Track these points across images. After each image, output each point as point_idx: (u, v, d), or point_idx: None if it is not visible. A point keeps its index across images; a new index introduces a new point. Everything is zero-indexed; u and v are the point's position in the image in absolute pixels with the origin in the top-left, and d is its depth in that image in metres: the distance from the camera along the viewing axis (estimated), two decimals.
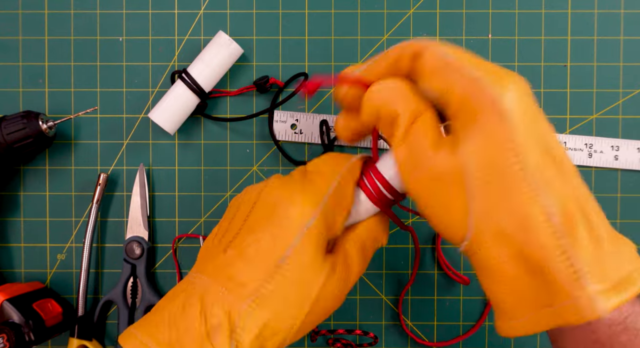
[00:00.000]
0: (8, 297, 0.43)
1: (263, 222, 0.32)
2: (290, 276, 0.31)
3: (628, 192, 0.48)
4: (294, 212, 0.31)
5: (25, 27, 0.48)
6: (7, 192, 0.48)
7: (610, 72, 0.48)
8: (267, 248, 0.31)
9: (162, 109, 0.45)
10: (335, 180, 0.33)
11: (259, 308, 0.30)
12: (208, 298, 0.31)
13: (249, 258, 0.31)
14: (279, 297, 0.31)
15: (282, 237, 0.31)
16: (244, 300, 0.30)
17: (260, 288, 0.30)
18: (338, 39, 0.48)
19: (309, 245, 0.31)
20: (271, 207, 0.32)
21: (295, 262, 0.31)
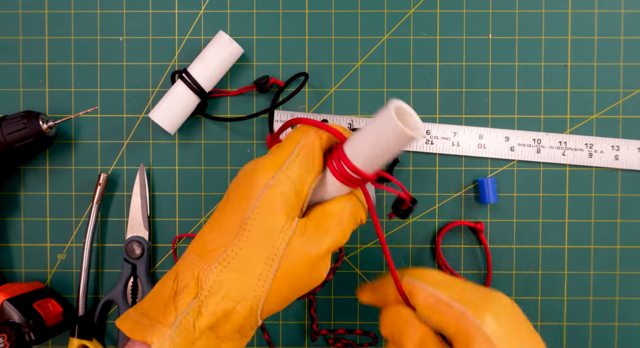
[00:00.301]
0: (8, 296, 0.43)
1: (230, 192, 0.34)
2: (254, 235, 0.31)
3: (628, 192, 0.48)
4: (257, 176, 0.32)
5: (26, 27, 0.48)
6: (7, 192, 0.48)
7: (611, 72, 0.48)
8: (232, 213, 0.32)
9: (162, 108, 0.45)
10: (299, 144, 0.33)
11: (225, 270, 0.31)
12: (182, 267, 0.32)
13: (218, 225, 0.33)
14: (243, 257, 0.31)
15: (246, 201, 0.32)
16: (212, 264, 0.31)
17: (227, 250, 0.31)
18: (338, 39, 0.48)
19: (271, 203, 0.31)
20: (239, 178, 0.34)
21: (257, 221, 0.31)
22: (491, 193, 0.46)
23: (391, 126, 0.30)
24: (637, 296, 0.48)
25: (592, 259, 0.48)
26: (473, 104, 0.48)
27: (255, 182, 0.32)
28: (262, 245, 0.31)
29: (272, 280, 0.31)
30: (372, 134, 0.31)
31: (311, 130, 0.34)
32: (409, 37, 0.48)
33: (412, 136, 0.30)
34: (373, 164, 0.32)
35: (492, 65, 0.48)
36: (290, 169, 0.32)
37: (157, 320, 0.30)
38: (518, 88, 0.48)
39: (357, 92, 0.48)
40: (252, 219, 0.31)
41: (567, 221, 0.48)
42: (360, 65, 0.48)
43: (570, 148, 0.47)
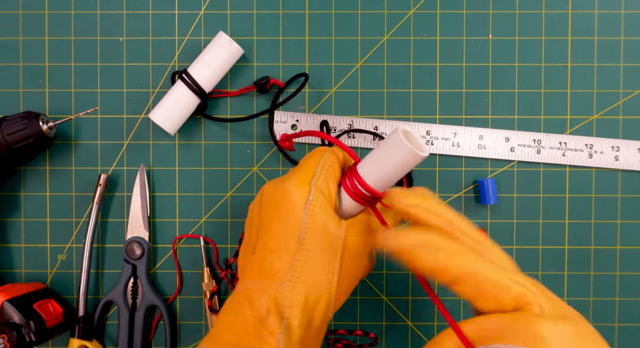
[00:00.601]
0: (8, 297, 0.43)
1: (272, 215, 0.35)
2: (313, 247, 0.34)
3: (628, 193, 0.48)
4: (293, 194, 0.35)
5: (26, 28, 0.48)
6: (7, 192, 0.48)
7: (611, 73, 0.48)
8: (284, 234, 0.34)
9: (162, 109, 0.45)
10: (322, 158, 0.36)
11: (297, 284, 0.33)
12: (254, 295, 0.34)
13: (273, 249, 0.35)
14: (310, 268, 0.34)
15: (292, 219, 0.34)
16: (283, 283, 0.33)
17: (293, 268, 0.34)
18: (338, 40, 0.48)
19: (317, 215, 0.34)
20: (273, 201, 0.36)
21: (311, 234, 0.34)
22: (491, 194, 0.46)
23: (401, 147, 0.33)
24: (637, 296, 0.48)
25: (592, 259, 0.48)
26: (473, 104, 0.48)
27: (293, 200, 0.35)
28: (322, 254, 0.34)
29: (337, 280, 0.35)
30: (383, 155, 0.34)
31: (328, 149, 0.37)
32: (409, 37, 0.48)
33: (421, 155, 0.33)
34: (384, 184, 0.35)
35: (492, 66, 0.48)
36: (321, 183, 0.35)
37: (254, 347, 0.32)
38: (518, 88, 0.48)
39: (357, 92, 0.48)
40: (308, 233, 0.34)
41: (567, 222, 0.48)
42: (361, 65, 0.48)
43: (570, 148, 0.47)
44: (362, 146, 0.47)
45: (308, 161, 0.37)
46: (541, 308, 0.29)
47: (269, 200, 0.36)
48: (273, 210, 0.35)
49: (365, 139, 0.47)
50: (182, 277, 0.48)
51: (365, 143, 0.47)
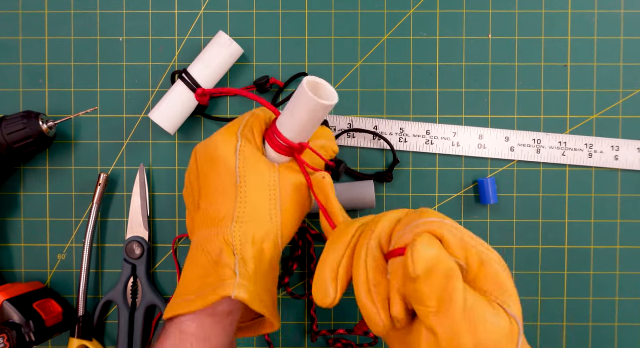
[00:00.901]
0: (8, 297, 0.43)
1: (207, 170, 0.38)
2: (250, 188, 0.36)
3: (628, 192, 0.48)
4: (222, 144, 0.37)
5: (26, 27, 0.48)
6: (7, 192, 0.48)
7: (611, 72, 0.48)
8: (221, 182, 0.37)
9: (162, 109, 0.45)
10: (245, 117, 0.39)
11: (243, 223, 0.35)
12: (205, 243, 0.36)
13: (215, 199, 0.37)
14: (251, 208, 0.36)
15: (225, 167, 0.37)
16: (230, 225, 0.35)
17: (236, 210, 0.36)
18: (338, 39, 0.48)
19: (248, 158, 0.37)
20: (206, 156, 0.38)
21: (246, 176, 0.36)
22: (491, 193, 0.46)
23: (305, 98, 0.35)
24: (637, 296, 0.48)
25: (592, 259, 0.48)
26: (473, 104, 0.48)
27: (226, 151, 0.37)
28: (261, 191, 0.36)
29: (280, 214, 0.37)
30: (292, 107, 0.36)
31: (259, 108, 0.40)
32: (409, 37, 0.48)
33: (325, 104, 0.35)
34: (299, 134, 0.37)
35: (492, 66, 0.48)
36: (247, 132, 0.38)
37: (215, 284, 0.33)
38: (518, 88, 0.48)
39: (357, 92, 0.48)
40: (242, 176, 0.36)
41: (567, 221, 0.48)
42: (360, 65, 0.48)
43: (570, 148, 0.47)
44: (362, 146, 0.47)
45: (234, 120, 0.40)
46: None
47: (203, 158, 0.38)
48: (207, 164, 0.38)
49: (365, 138, 0.47)
50: None
51: (365, 143, 0.47)
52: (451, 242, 0.29)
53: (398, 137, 0.47)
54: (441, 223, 0.30)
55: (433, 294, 0.28)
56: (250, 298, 0.33)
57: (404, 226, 0.31)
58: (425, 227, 0.29)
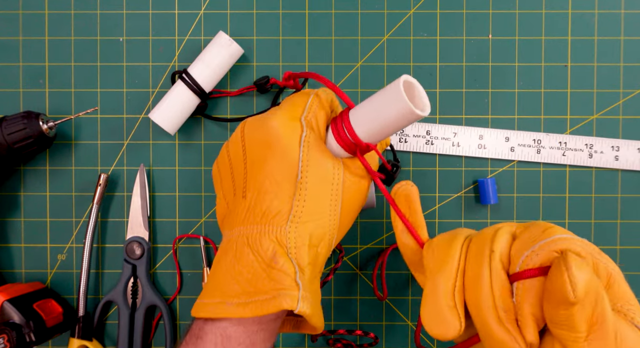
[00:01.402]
0: (8, 297, 0.43)
1: (262, 155, 0.34)
2: (312, 186, 0.33)
3: (628, 193, 0.48)
4: (284, 130, 0.33)
5: (26, 27, 0.48)
6: (7, 192, 0.48)
7: (611, 73, 0.48)
8: (280, 173, 0.33)
9: (162, 109, 0.45)
10: (309, 98, 0.35)
11: (300, 224, 0.32)
12: (253, 240, 0.32)
13: (269, 190, 0.33)
14: (310, 207, 0.33)
15: (287, 157, 0.33)
16: (285, 224, 0.32)
17: (293, 207, 0.32)
18: (338, 39, 0.48)
19: (313, 152, 0.33)
20: (261, 138, 0.34)
21: (309, 172, 0.33)
22: (491, 193, 0.46)
23: (398, 101, 0.29)
24: (637, 296, 0.48)
25: None
26: (473, 104, 0.48)
27: (289, 141, 0.33)
28: (322, 190, 0.33)
29: (339, 217, 0.34)
30: (378, 104, 0.31)
31: (313, 91, 0.36)
32: (409, 37, 0.48)
33: (419, 115, 0.30)
34: (374, 136, 0.33)
35: (492, 66, 0.48)
36: (311, 118, 0.34)
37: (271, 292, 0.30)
38: (518, 88, 0.48)
39: (358, 92, 0.48)
40: (304, 171, 0.33)
41: (567, 221, 0.48)
42: (361, 65, 0.48)
43: (570, 148, 0.47)
44: None
45: (295, 99, 0.35)
46: None
47: (256, 139, 0.34)
48: (263, 148, 0.34)
49: None
50: (182, 277, 0.48)
51: None
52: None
53: (398, 137, 0.47)
54: (572, 240, 0.28)
55: (584, 319, 0.26)
56: (312, 313, 0.31)
57: (527, 244, 0.28)
58: (561, 246, 0.28)
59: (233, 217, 0.34)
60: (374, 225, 0.48)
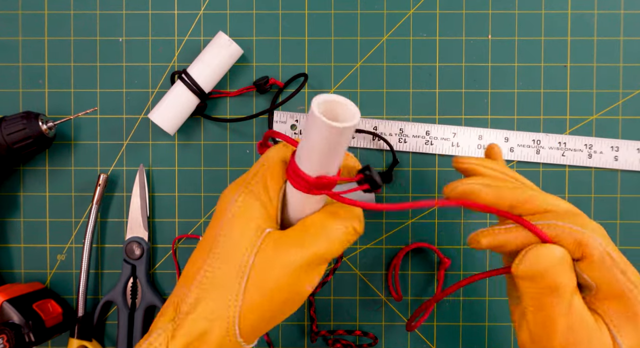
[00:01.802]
0: (8, 297, 0.43)
1: (213, 216, 0.33)
2: (222, 252, 0.31)
3: (628, 193, 0.48)
4: (226, 196, 0.32)
5: (25, 28, 0.48)
6: (7, 193, 0.48)
7: (610, 73, 0.48)
8: (207, 237, 0.32)
9: (162, 109, 0.45)
10: (260, 161, 0.33)
11: (200, 290, 0.30)
12: (172, 295, 0.32)
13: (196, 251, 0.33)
14: (215, 275, 0.30)
15: (217, 221, 0.32)
16: (191, 286, 0.31)
17: (200, 272, 0.31)
18: (338, 40, 0.48)
19: (237, 219, 0.31)
20: (216, 206, 0.33)
21: (225, 238, 0.31)
22: None
23: (320, 125, 0.27)
24: None
25: None
26: (473, 104, 0.48)
27: (225, 202, 0.32)
28: (231, 261, 0.30)
29: (242, 294, 0.30)
30: (309, 137, 0.29)
31: (276, 146, 0.33)
32: (409, 37, 0.48)
33: (344, 127, 0.27)
34: (324, 165, 0.30)
35: (491, 66, 0.48)
36: (253, 184, 0.32)
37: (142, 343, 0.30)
38: (518, 89, 0.48)
39: (357, 92, 0.48)
40: (221, 236, 0.31)
41: None
42: (360, 65, 0.48)
43: (569, 149, 0.47)
44: (362, 146, 0.47)
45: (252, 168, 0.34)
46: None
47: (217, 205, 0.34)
48: (213, 215, 0.33)
49: (364, 139, 0.47)
50: None
51: (365, 143, 0.47)
52: (594, 257, 0.31)
53: (397, 138, 0.47)
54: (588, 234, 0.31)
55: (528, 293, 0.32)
56: None
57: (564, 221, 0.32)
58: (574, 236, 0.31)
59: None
60: (374, 225, 0.48)
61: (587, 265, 0.31)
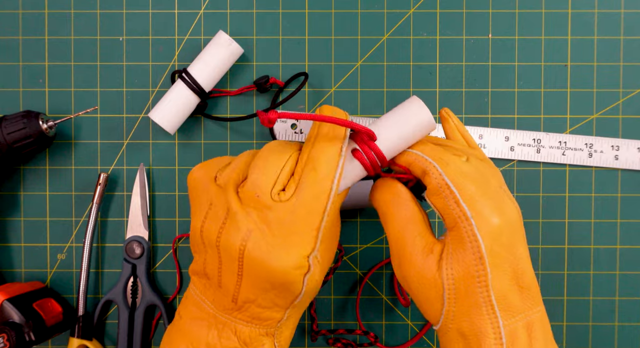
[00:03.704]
0: (8, 296, 0.43)
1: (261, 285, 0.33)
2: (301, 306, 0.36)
3: (628, 192, 0.48)
4: (291, 276, 0.33)
5: (26, 27, 0.48)
6: (7, 192, 0.48)
7: (610, 72, 0.48)
8: (281, 301, 0.34)
9: (162, 108, 0.45)
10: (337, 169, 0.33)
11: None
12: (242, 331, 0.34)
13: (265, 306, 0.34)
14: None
15: (291, 293, 0.34)
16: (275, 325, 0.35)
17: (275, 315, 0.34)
18: (338, 39, 0.48)
19: (313, 280, 0.34)
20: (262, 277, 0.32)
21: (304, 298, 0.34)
22: None
23: (421, 114, 0.33)
24: (637, 296, 0.48)
25: (592, 259, 0.48)
26: (473, 103, 0.48)
27: (295, 280, 0.34)
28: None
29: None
30: (401, 123, 0.34)
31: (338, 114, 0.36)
32: (409, 37, 0.48)
33: (435, 125, 0.34)
34: (393, 153, 0.35)
35: (492, 65, 0.48)
36: (324, 261, 0.35)
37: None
38: (518, 88, 0.48)
39: (357, 92, 0.48)
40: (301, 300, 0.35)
41: (567, 221, 0.48)
42: (360, 65, 0.48)
43: (570, 148, 0.47)
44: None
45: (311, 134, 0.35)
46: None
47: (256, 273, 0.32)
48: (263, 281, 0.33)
49: None
50: (181, 276, 0.48)
51: None
52: (431, 185, 0.33)
53: None
54: (432, 164, 0.33)
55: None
56: None
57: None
58: (417, 157, 0.34)
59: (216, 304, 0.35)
60: (374, 224, 0.48)
61: (428, 193, 0.34)
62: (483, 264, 0.31)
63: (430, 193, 0.33)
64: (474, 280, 0.31)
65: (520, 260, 0.33)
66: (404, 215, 0.34)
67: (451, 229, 0.33)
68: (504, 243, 0.32)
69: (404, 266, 0.34)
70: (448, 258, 0.32)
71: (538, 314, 0.33)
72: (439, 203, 0.33)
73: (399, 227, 0.34)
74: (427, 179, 0.33)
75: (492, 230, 0.31)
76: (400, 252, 0.34)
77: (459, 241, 0.32)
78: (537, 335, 0.32)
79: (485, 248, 0.31)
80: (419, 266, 0.33)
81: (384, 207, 0.35)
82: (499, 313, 0.32)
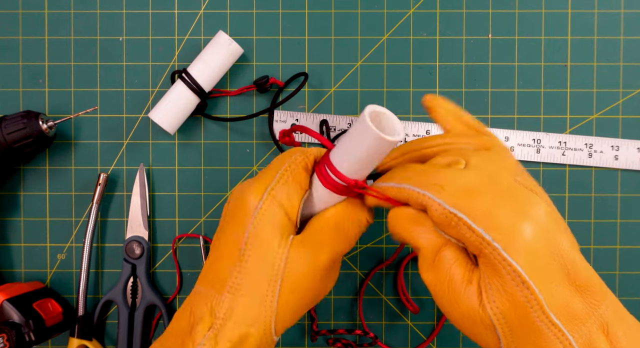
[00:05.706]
0: (8, 296, 0.43)
1: (227, 221, 0.34)
2: (253, 260, 0.32)
3: (628, 192, 0.48)
4: (246, 201, 0.33)
5: (25, 27, 0.48)
6: (7, 192, 0.48)
7: (610, 72, 0.48)
8: (231, 241, 0.33)
9: (162, 108, 0.45)
10: (284, 165, 0.34)
11: (235, 296, 0.32)
12: (195, 300, 0.33)
13: (220, 256, 0.33)
14: (248, 281, 0.32)
15: (239, 227, 0.33)
16: (223, 293, 0.32)
17: (232, 277, 0.32)
18: (338, 39, 0.48)
19: (262, 226, 0.32)
20: (233, 205, 0.34)
21: (253, 246, 0.32)
22: None
23: (369, 135, 0.30)
24: (637, 296, 0.48)
25: (592, 259, 0.48)
26: (473, 104, 0.48)
27: (245, 207, 0.33)
28: (262, 268, 0.32)
29: (277, 299, 0.32)
30: (352, 142, 0.31)
31: (298, 150, 0.35)
32: (409, 37, 0.48)
33: (391, 141, 0.30)
34: (360, 171, 0.32)
35: (492, 65, 0.48)
36: (276, 190, 0.33)
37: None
38: (518, 88, 0.48)
39: (357, 92, 0.48)
40: (249, 245, 0.32)
41: (567, 221, 0.48)
42: (360, 65, 0.48)
43: (570, 148, 0.47)
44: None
45: (272, 164, 0.35)
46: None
47: (228, 202, 0.35)
48: (229, 215, 0.34)
49: None
50: (181, 277, 0.48)
51: None
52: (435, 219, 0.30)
53: None
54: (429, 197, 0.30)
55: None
56: None
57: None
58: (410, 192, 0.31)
59: (200, 275, 0.35)
60: (374, 224, 0.48)
61: (438, 227, 0.30)
62: (529, 288, 0.27)
63: (441, 227, 0.30)
64: (524, 307, 0.27)
65: (566, 253, 0.28)
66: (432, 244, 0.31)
67: (478, 256, 0.29)
68: (543, 248, 0.28)
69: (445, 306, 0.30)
70: (487, 290, 0.28)
71: (610, 308, 0.29)
72: (454, 234, 0.29)
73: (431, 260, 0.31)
74: (430, 214, 0.30)
75: (523, 242, 0.27)
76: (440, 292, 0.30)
77: (491, 269, 0.28)
78: (615, 332, 0.28)
79: (523, 269, 0.27)
80: (461, 303, 0.29)
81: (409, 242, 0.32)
82: (566, 330, 0.27)
